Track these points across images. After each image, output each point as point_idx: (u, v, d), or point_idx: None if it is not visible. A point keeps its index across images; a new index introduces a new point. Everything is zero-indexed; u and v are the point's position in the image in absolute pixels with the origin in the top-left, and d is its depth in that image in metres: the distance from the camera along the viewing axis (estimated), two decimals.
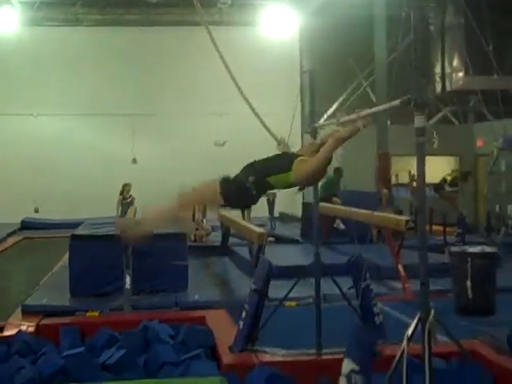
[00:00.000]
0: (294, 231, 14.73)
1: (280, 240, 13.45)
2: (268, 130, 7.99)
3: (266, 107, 17.77)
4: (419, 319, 4.00)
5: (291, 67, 21.53)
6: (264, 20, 20.28)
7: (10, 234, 16.47)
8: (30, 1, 19.48)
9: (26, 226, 18.41)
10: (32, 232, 17.32)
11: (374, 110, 4.69)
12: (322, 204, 10.11)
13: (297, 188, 4.70)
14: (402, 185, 17.47)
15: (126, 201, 15.37)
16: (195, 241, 12.99)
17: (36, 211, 20.06)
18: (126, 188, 15.87)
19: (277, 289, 6.71)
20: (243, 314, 6.03)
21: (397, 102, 4.08)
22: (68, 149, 20.34)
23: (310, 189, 16.08)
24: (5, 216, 18.28)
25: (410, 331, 3.96)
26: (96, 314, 7.68)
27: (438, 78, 20.16)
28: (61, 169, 20.18)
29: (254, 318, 5.94)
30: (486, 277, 7.67)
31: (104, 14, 20.47)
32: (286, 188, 4.66)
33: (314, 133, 5.86)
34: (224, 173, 4.67)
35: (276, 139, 7.67)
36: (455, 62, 19.68)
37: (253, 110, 8.55)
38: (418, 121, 4.03)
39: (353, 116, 4.53)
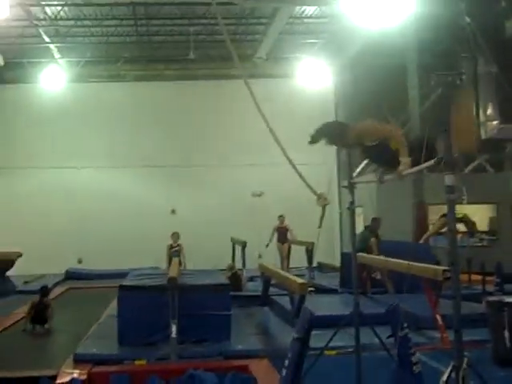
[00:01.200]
0: (332, 281, 14.85)
1: (319, 290, 13.62)
2: (307, 184, 8.28)
3: (303, 157, 18.12)
4: (453, 367, 4.19)
5: (326, 117, 21.88)
6: (299, 72, 20.82)
7: (55, 285, 16.89)
8: (75, 60, 20.42)
9: (70, 276, 18.93)
10: (76, 282, 17.78)
11: (411, 170, 5.02)
12: (360, 254, 10.36)
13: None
14: (440, 233, 17.45)
15: (174, 249, 15.62)
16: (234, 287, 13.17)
17: (79, 262, 20.65)
18: (173, 237, 16.10)
19: (317, 338, 6.91)
20: (286, 363, 6.25)
21: (430, 163, 4.39)
22: (109, 200, 21.00)
23: (349, 240, 16.13)
24: (50, 266, 18.92)
25: (444, 378, 4.16)
26: (144, 362, 7.99)
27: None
28: (103, 220, 20.81)
29: (296, 367, 6.16)
30: None
31: (145, 69, 21.32)
32: None
33: (351, 188, 6.16)
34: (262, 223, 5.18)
35: (315, 194, 7.95)
36: (489, 111, 19.83)
37: (290, 162, 8.90)
38: (448, 179, 4.34)
39: (393, 176, 4.85)
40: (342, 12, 16.50)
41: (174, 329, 8.08)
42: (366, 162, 19.27)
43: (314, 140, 5.71)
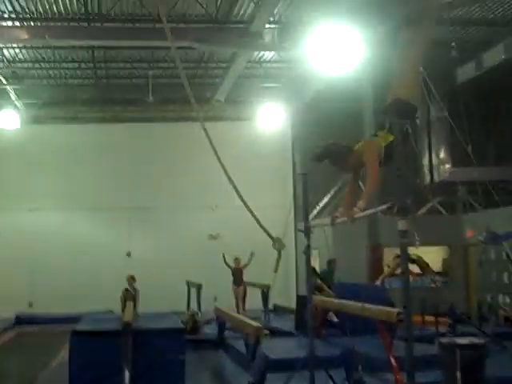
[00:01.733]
0: (288, 324, 14.82)
1: (275, 333, 13.56)
2: (263, 228, 8.30)
3: (260, 200, 18.24)
4: None
5: (284, 160, 22.22)
6: (257, 115, 21.07)
7: (4, 330, 16.45)
8: (32, 102, 20.30)
9: (20, 321, 18.38)
10: (27, 327, 17.34)
11: (365, 213, 5.12)
12: (315, 297, 10.37)
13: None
14: (395, 275, 17.59)
15: (128, 293, 15.34)
16: (191, 331, 13.09)
17: (30, 305, 20.15)
18: (130, 280, 15.72)
19: (271, 382, 6.88)
20: None
21: (384, 207, 4.50)
22: (63, 242, 20.69)
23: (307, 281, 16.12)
24: None
25: None
26: None
27: (426, 170, 20.74)
28: (55, 263, 20.44)
29: None
30: (475, 368, 7.83)
31: (102, 111, 21.28)
32: None
33: (307, 232, 6.24)
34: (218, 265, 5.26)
35: (271, 238, 8.00)
36: (441, 154, 20.35)
37: (247, 206, 8.89)
38: (401, 224, 4.44)
39: (345, 218, 4.94)
40: (299, 57, 16.86)
41: (127, 375, 7.93)
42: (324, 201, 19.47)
43: (318, 159, 5.87)
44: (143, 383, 8.43)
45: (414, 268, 16.16)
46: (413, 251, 14.96)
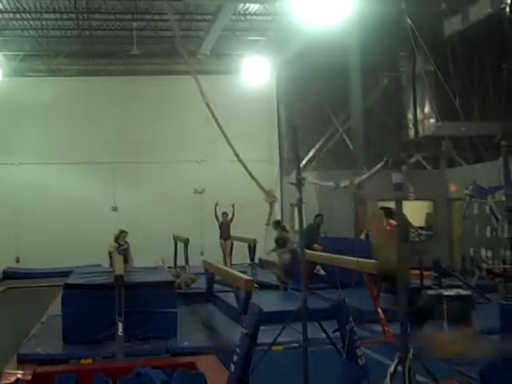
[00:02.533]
0: (274, 277, 14.96)
1: (262, 286, 13.72)
2: (256, 181, 8.37)
3: (246, 154, 18.32)
4: (399, 358, 4.36)
5: (269, 114, 22.14)
6: (242, 69, 20.89)
7: None
8: (13, 53, 19.94)
9: (7, 275, 18.46)
10: (14, 281, 17.36)
11: (365, 176, 5.16)
12: (306, 251, 10.49)
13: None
14: None
15: (121, 247, 15.20)
16: (179, 288, 13.22)
17: (17, 261, 20.18)
18: (121, 235, 15.59)
19: (262, 334, 6.98)
20: (235, 358, 6.31)
21: (380, 164, 4.54)
22: (49, 197, 20.58)
23: (292, 235, 16.44)
24: None
25: (391, 368, 4.32)
26: (90, 361, 7.93)
27: (410, 124, 20.80)
28: (41, 218, 20.37)
29: (245, 362, 6.23)
30: (461, 318, 8.05)
31: (85, 64, 20.96)
32: None
33: (299, 185, 6.27)
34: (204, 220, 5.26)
35: (264, 191, 8.05)
36: (426, 109, 20.38)
37: (239, 159, 8.93)
38: (396, 177, 4.49)
39: (348, 182, 4.98)
40: (285, 10, 16.67)
41: (120, 327, 8.03)
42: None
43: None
44: (136, 335, 8.55)
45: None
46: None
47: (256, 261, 17.47)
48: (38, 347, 8.30)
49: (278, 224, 14.90)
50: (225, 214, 17.52)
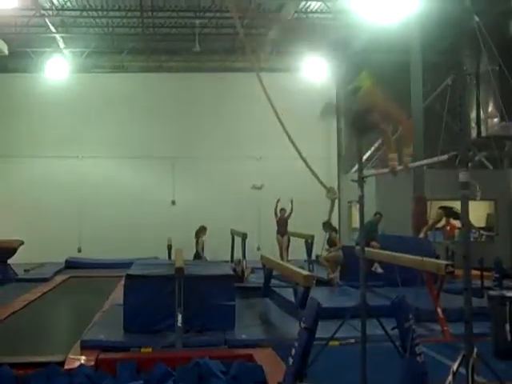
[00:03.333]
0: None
1: (319, 282, 13.72)
2: (317, 177, 8.40)
3: (305, 150, 18.30)
4: (463, 357, 4.32)
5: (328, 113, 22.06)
6: (303, 67, 20.90)
7: (56, 273, 17.02)
8: (79, 50, 20.48)
9: (70, 265, 18.95)
10: (76, 271, 17.84)
11: (424, 162, 5.13)
12: (359, 248, 10.46)
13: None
14: (438, 229, 17.51)
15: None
16: (238, 276, 13.31)
17: (79, 251, 20.73)
18: (202, 231, 16.29)
19: (319, 329, 7.01)
20: (293, 352, 6.37)
21: (445, 157, 4.51)
22: (110, 190, 21.06)
23: (349, 233, 16.48)
24: (50, 255, 19.00)
25: (455, 366, 4.29)
26: (149, 350, 8.12)
27: (473, 124, 20.41)
28: (103, 210, 20.88)
29: (303, 356, 6.28)
30: None
31: (148, 61, 21.35)
32: None
33: (361, 182, 6.28)
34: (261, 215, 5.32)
35: (325, 187, 8.09)
36: (490, 108, 19.96)
37: (301, 155, 8.97)
38: (463, 176, 4.45)
39: (404, 167, 4.97)
40: (346, 7, 16.60)
41: (179, 318, 8.20)
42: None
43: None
44: (195, 326, 8.70)
45: (457, 223, 16.13)
46: (456, 207, 14.93)
47: (313, 257, 17.46)
48: (100, 334, 8.54)
49: (327, 225, 14.80)
50: (283, 209, 17.58)
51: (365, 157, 20.47)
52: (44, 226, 20.34)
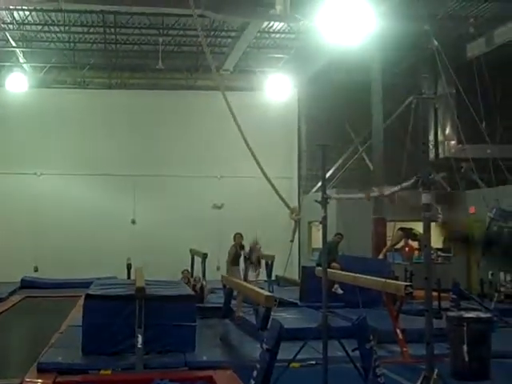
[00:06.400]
0: (291, 295, 14.95)
1: (280, 303, 13.64)
2: (281, 197, 8.39)
3: (267, 169, 18.29)
4: (424, 377, 4.37)
5: (289, 131, 22.19)
6: (265, 85, 21.02)
7: (11, 293, 16.59)
8: (40, 65, 20.24)
9: (25, 284, 18.51)
10: (32, 291, 17.45)
11: (396, 188, 5.19)
12: (319, 269, 10.50)
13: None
14: (396, 250, 17.62)
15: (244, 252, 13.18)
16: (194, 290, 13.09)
17: (36, 270, 20.26)
18: (237, 237, 13.32)
19: (280, 350, 6.98)
20: (254, 373, 6.35)
21: (408, 184, 4.57)
22: (68, 208, 20.73)
23: (309, 253, 16.52)
24: (4, 274, 18.49)
25: None
26: (109, 372, 7.97)
27: (431, 146, 20.75)
28: (61, 228, 20.51)
29: (265, 377, 6.27)
30: (481, 341, 8.01)
31: (110, 77, 21.21)
32: None
33: (324, 203, 6.32)
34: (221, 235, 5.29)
35: (289, 208, 8.10)
36: (448, 130, 20.37)
37: (265, 174, 8.95)
38: (425, 198, 4.52)
39: (364, 195, 5.02)
40: (308, 28, 16.79)
41: (139, 339, 8.10)
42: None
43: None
44: (155, 347, 8.59)
45: (415, 244, 16.35)
46: (416, 228, 15.14)
47: (273, 277, 17.42)
48: (58, 357, 8.36)
49: None
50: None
51: (326, 176, 20.64)
52: None
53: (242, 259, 12.96)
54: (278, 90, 21.01)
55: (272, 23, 17.72)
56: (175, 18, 17.17)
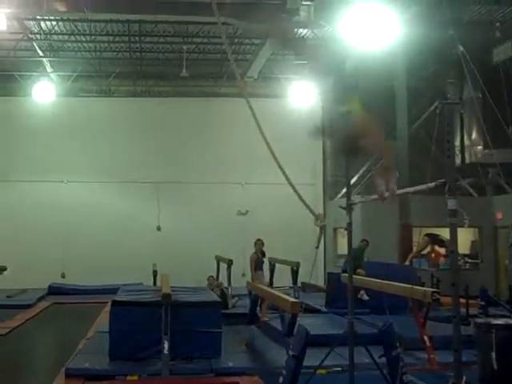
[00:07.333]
0: (316, 301, 14.92)
1: (304, 310, 13.62)
2: (306, 204, 8.39)
3: (291, 176, 18.29)
4: None
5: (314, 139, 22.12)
6: (289, 93, 21.02)
7: (39, 299, 16.78)
8: (66, 74, 20.50)
9: (53, 291, 18.69)
10: (60, 297, 17.63)
11: (411, 189, 5.16)
12: (345, 275, 10.46)
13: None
14: (423, 256, 17.49)
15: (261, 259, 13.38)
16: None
17: (63, 276, 20.48)
18: (258, 244, 13.37)
19: (306, 357, 6.96)
20: (280, 380, 6.34)
21: (432, 185, 4.54)
22: (95, 215, 20.91)
23: (334, 260, 16.48)
24: (32, 280, 18.72)
25: None
26: (135, 377, 8.02)
27: (457, 151, 20.58)
28: (87, 235, 20.70)
29: (291, 383, 6.25)
30: (510, 348, 7.89)
31: (135, 85, 21.41)
32: None
33: (349, 209, 6.31)
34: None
35: (314, 214, 8.10)
36: (474, 135, 20.18)
37: (289, 182, 8.97)
38: (451, 203, 4.48)
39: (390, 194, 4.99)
40: (333, 34, 16.78)
41: (166, 345, 8.13)
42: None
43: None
44: (181, 354, 8.62)
45: (442, 250, 16.19)
46: (442, 234, 15.01)
47: (298, 284, 17.38)
48: (85, 362, 8.43)
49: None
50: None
51: (351, 183, 20.57)
52: (27, 251, 20.04)
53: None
54: (302, 96, 21.00)
55: (296, 30, 17.73)
56: (199, 25, 17.28)
